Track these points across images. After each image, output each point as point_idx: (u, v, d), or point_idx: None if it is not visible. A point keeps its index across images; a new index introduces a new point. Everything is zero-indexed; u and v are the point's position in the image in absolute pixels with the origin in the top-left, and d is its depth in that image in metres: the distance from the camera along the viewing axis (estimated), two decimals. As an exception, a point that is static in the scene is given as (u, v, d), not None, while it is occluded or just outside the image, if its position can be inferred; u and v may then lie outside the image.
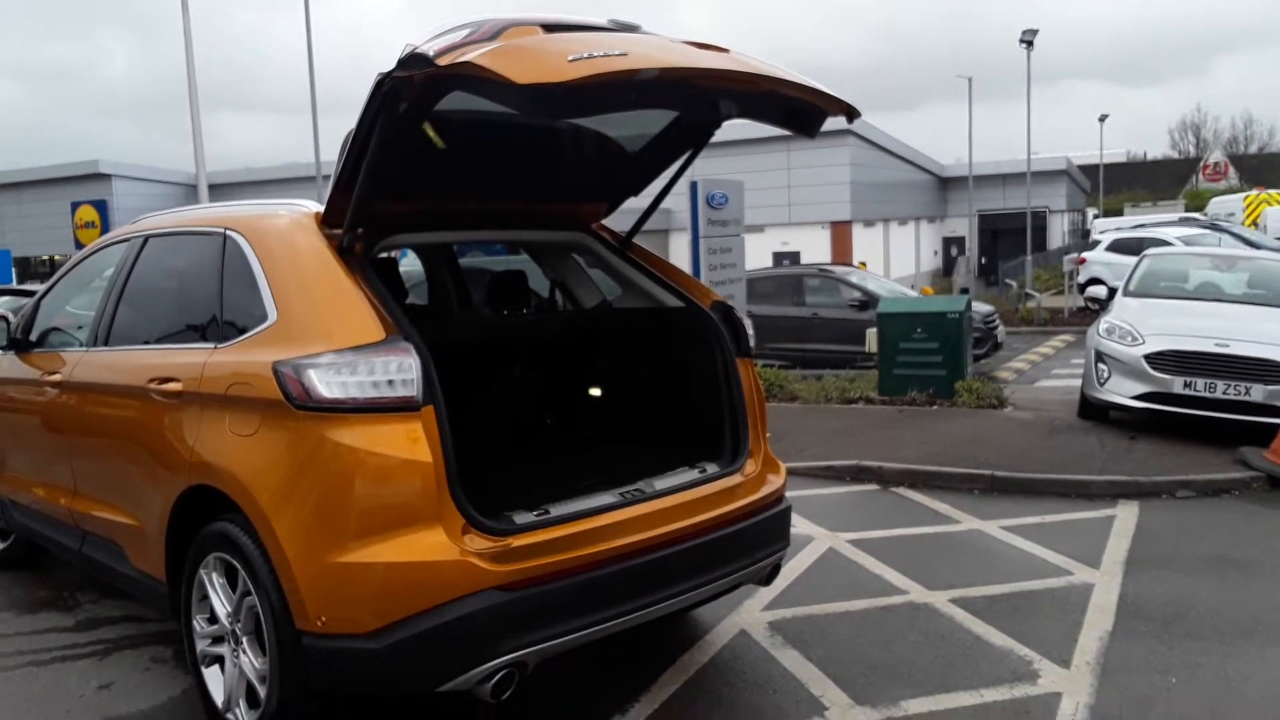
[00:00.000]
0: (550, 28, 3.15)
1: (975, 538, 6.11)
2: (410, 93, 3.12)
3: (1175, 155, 74.50)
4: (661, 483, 3.78)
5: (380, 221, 3.72)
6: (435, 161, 3.68)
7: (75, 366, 4.59)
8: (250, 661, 3.49)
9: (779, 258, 29.02)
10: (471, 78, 2.89)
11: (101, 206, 19.88)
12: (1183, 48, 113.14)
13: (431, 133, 3.42)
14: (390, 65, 3.08)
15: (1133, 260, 11.24)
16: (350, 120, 3.30)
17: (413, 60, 2.99)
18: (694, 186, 8.80)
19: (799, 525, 5.66)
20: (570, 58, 2.79)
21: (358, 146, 3.30)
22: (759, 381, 4.32)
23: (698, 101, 3.50)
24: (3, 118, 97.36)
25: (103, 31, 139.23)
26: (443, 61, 2.91)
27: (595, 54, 2.84)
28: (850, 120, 3.73)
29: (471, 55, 2.85)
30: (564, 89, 2.74)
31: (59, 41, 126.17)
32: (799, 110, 3.71)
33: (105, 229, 17.88)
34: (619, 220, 4.65)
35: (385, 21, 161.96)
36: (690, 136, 4.23)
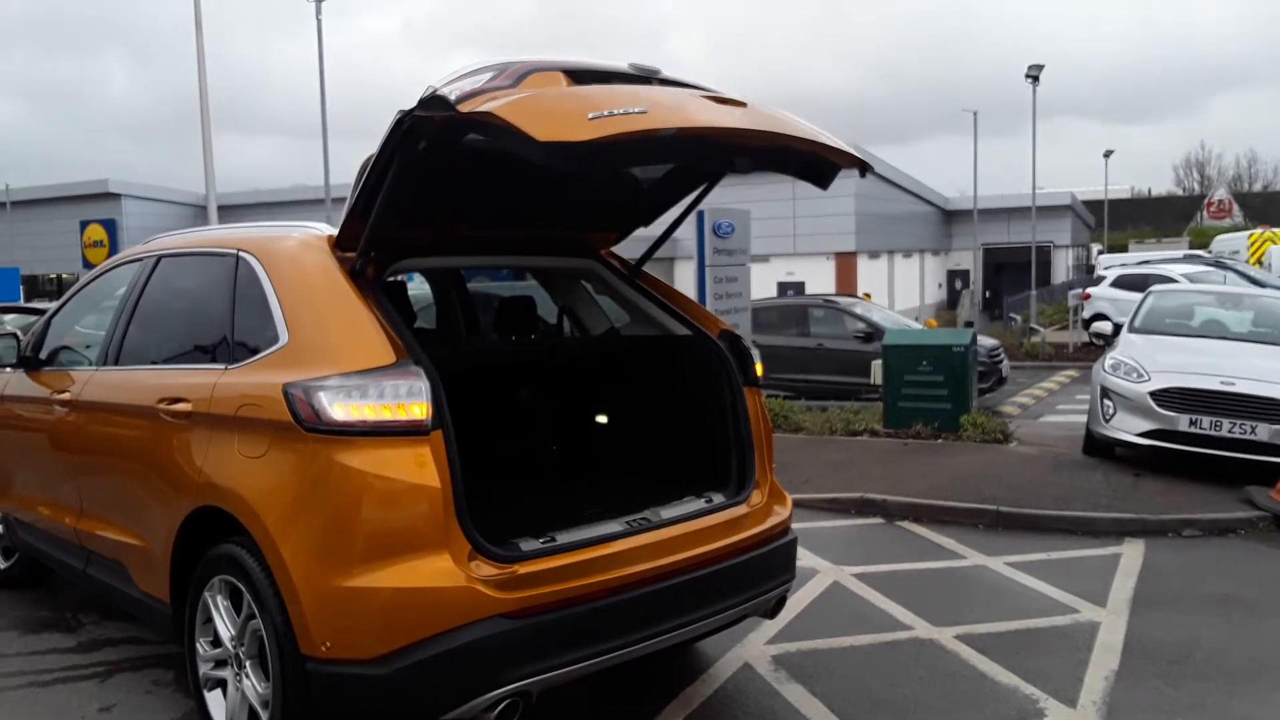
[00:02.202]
0: (573, 74, 3.18)
1: (981, 573, 6.08)
2: (430, 131, 3.12)
3: (1179, 192, 74.80)
4: (668, 512, 3.77)
5: (392, 246, 3.74)
6: (450, 190, 3.70)
7: (84, 385, 4.60)
8: (253, 686, 3.47)
9: (784, 288, 29.07)
10: (492, 126, 2.90)
11: (110, 226, 20.03)
12: (1179, 86, 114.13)
13: None
14: (410, 99, 3.10)
15: (1137, 296, 11.27)
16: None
17: (434, 102, 3.00)
18: (700, 215, 8.81)
19: (803, 558, 5.63)
20: (590, 115, 2.82)
21: (375, 176, 3.33)
22: (766, 411, 4.32)
23: (714, 156, 3.57)
24: (5, 136, 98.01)
25: (101, 52, 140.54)
26: (464, 108, 2.92)
27: (615, 111, 2.87)
28: (863, 175, 3.77)
29: (493, 105, 2.87)
30: (583, 147, 2.79)
31: (59, 61, 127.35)
32: (812, 163, 3.75)
33: (114, 248, 17.99)
34: (627, 248, 4.67)
35: (382, 45, 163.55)
36: (704, 173, 4.26)
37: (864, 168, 3.66)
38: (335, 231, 3.74)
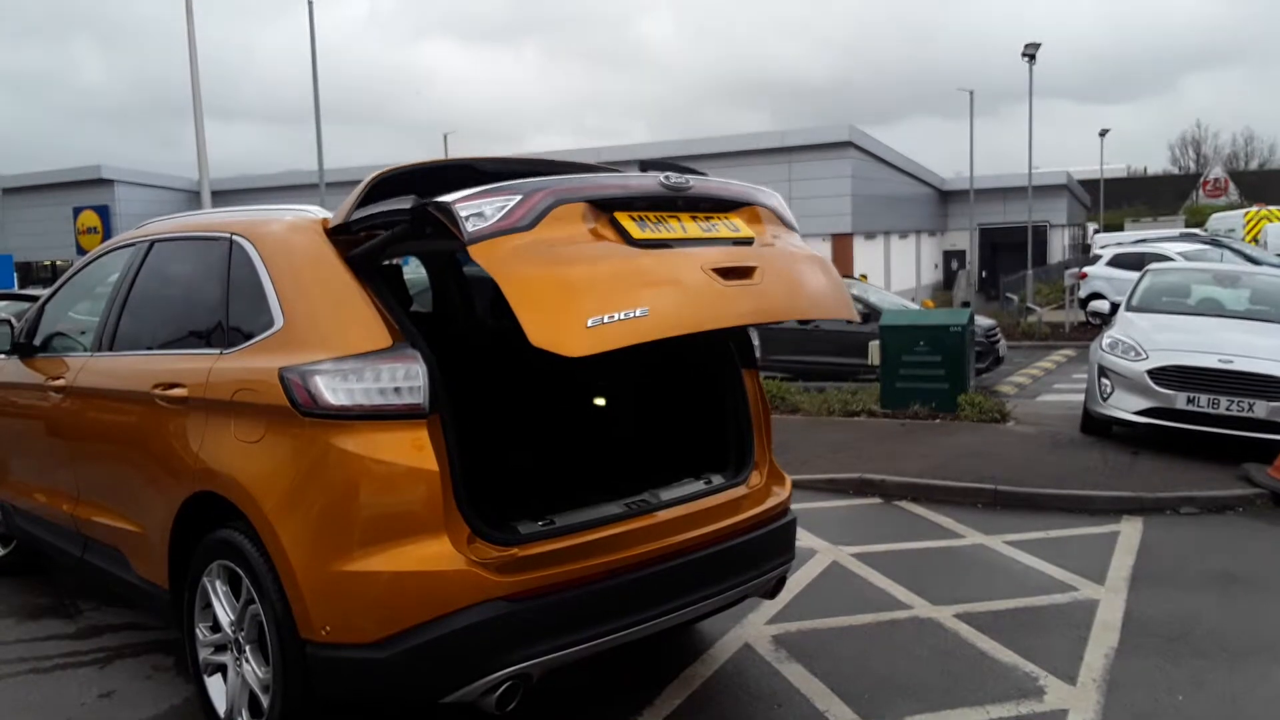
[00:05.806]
0: (597, 204, 3.13)
1: (979, 552, 6.09)
2: (438, 227, 3.08)
3: (1175, 171, 74.74)
4: (667, 494, 3.77)
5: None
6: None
7: (79, 372, 4.57)
8: (253, 670, 3.47)
9: (780, 269, 28.95)
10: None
11: (104, 212, 19.98)
12: (1170, 65, 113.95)
13: None
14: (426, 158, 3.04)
15: (1134, 275, 11.26)
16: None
17: (449, 216, 2.96)
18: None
19: (802, 538, 5.63)
20: (589, 321, 2.81)
21: (380, 219, 3.28)
22: (764, 393, 4.31)
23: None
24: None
25: (81, 38, 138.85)
26: (473, 250, 2.90)
27: (616, 317, 2.85)
28: (850, 324, 3.80)
29: (499, 270, 2.85)
30: (575, 359, 2.82)
31: (38, 46, 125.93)
32: None
33: (107, 234, 17.94)
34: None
35: (354, 29, 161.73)
36: None
37: (851, 318, 3.74)
38: (329, 215, 3.70)
